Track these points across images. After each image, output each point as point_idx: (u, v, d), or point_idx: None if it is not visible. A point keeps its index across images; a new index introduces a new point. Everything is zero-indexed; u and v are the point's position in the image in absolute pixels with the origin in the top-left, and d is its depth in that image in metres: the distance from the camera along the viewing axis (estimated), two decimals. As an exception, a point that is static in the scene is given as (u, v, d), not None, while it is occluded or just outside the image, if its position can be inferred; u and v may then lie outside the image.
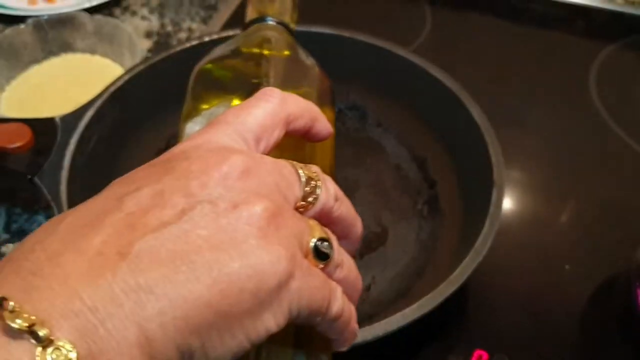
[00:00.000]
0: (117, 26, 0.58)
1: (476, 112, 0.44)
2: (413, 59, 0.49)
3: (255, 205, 0.20)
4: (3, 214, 0.48)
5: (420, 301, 0.34)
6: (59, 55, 0.60)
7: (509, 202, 0.50)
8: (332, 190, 0.24)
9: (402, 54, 0.49)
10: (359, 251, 0.44)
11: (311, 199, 0.23)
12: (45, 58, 0.59)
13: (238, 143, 0.23)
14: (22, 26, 0.58)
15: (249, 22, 0.40)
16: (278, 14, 0.40)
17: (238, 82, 0.35)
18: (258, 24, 0.39)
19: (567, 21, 0.68)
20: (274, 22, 0.39)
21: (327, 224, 0.24)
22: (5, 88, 0.56)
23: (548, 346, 0.41)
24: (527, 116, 0.57)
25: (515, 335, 0.41)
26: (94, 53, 0.60)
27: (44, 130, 0.42)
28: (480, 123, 0.44)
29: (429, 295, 0.34)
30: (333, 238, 0.23)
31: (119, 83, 0.46)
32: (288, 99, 0.25)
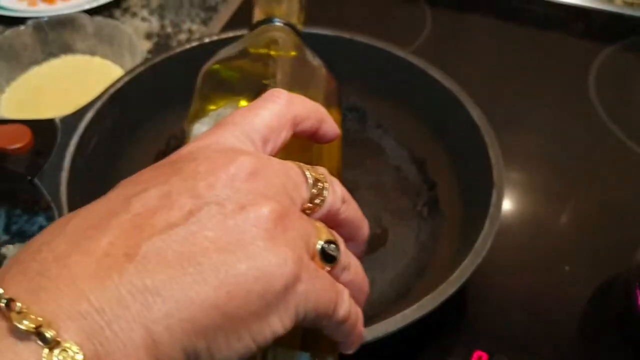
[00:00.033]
0: (117, 28, 0.59)
1: (476, 113, 0.44)
2: (413, 60, 0.49)
3: (262, 206, 0.20)
4: (3, 215, 0.48)
5: (420, 302, 0.34)
6: (59, 56, 0.60)
7: (509, 203, 0.50)
8: (339, 192, 0.24)
9: (402, 55, 0.49)
10: (359, 252, 0.44)
11: (318, 201, 0.23)
12: (45, 59, 0.59)
13: (245, 144, 0.23)
14: (22, 27, 0.58)
15: (256, 23, 0.40)
16: (285, 15, 0.40)
17: (245, 83, 0.35)
18: (265, 25, 0.39)
19: (567, 22, 0.68)
20: (281, 23, 0.39)
21: (334, 226, 0.24)
22: (5, 89, 0.56)
23: (548, 347, 0.41)
24: (527, 117, 0.57)
25: (515, 336, 0.41)
26: (94, 54, 0.60)
27: (44, 131, 0.42)
28: (480, 124, 0.44)
29: (429, 296, 0.34)
30: (340, 240, 0.23)
31: (119, 84, 0.46)
32: (295, 100, 0.25)
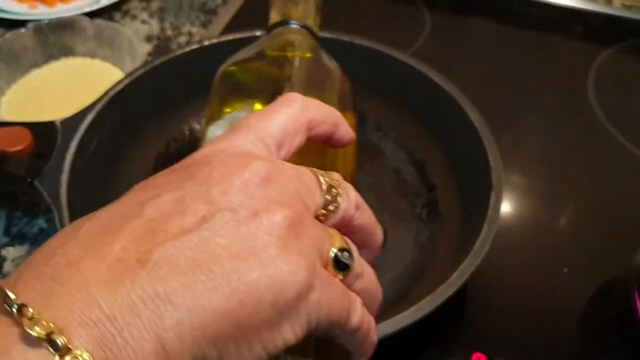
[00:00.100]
0: (117, 30, 0.59)
1: (474, 116, 0.45)
2: (412, 63, 0.49)
3: (275, 213, 0.20)
4: (3, 217, 0.48)
5: (418, 304, 0.34)
6: (60, 59, 0.60)
7: (508, 206, 0.50)
8: (353, 198, 0.24)
9: (401, 58, 0.49)
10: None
11: (332, 207, 0.23)
12: (45, 62, 0.59)
13: (259, 148, 0.23)
14: (23, 30, 0.58)
15: (273, 25, 0.40)
16: (302, 18, 0.40)
17: (261, 86, 0.35)
18: (282, 27, 0.39)
19: (565, 25, 0.68)
20: (298, 26, 0.39)
21: (347, 233, 0.24)
22: (5, 92, 0.56)
23: (547, 349, 0.41)
24: (526, 119, 0.58)
25: (513, 338, 0.41)
26: (94, 57, 0.60)
27: (44, 133, 0.43)
28: (478, 126, 0.44)
29: (428, 297, 0.34)
30: (353, 248, 0.23)
31: (119, 87, 0.46)
32: (310, 105, 0.25)
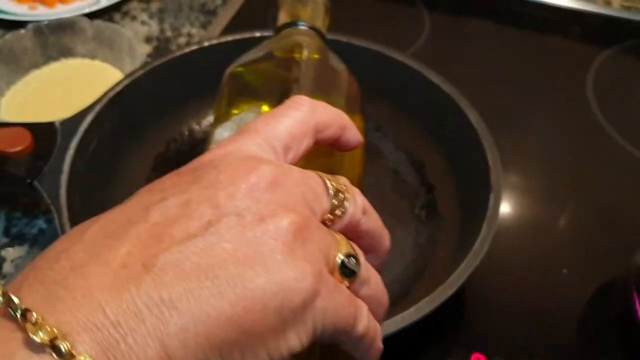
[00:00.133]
0: (117, 31, 0.59)
1: (474, 117, 0.45)
2: (411, 64, 0.49)
3: (282, 218, 0.20)
4: (3, 218, 0.48)
5: (418, 304, 0.34)
6: (59, 60, 0.60)
7: (507, 207, 0.50)
8: (360, 203, 0.24)
9: (400, 59, 0.49)
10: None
11: (339, 212, 0.23)
12: (45, 63, 0.59)
13: (267, 152, 0.23)
14: (23, 31, 0.58)
15: (281, 26, 0.40)
16: (310, 19, 0.40)
17: (268, 88, 0.35)
18: (290, 29, 0.39)
19: (565, 26, 0.68)
20: (306, 27, 0.39)
21: (354, 238, 0.24)
22: (5, 93, 0.56)
23: (546, 349, 0.41)
24: (525, 121, 0.58)
25: (512, 338, 0.41)
26: (94, 58, 0.60)
27: (44, 134, 0.43)
28: (477, 127, 0.44)
29: (427, 298, 0.34)
30: (360, 253, 0.23)
31: (119, 88, 0.46)
32: (318, 108, 0.25)
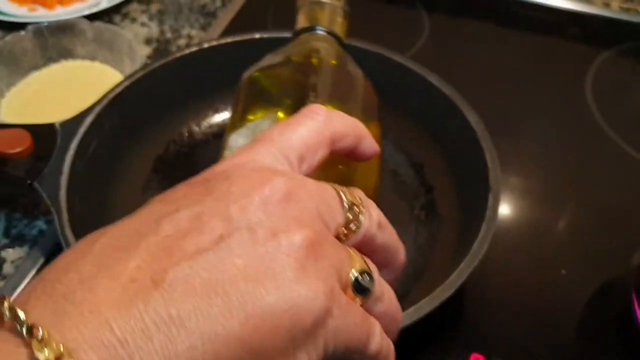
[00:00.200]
0: (117, 33, 0.59)
1: (472, 118, 0.45)
2: (410, 65, 0.49)
3: (294, 233, 0.19)
4: (3, 219, 0.48)
5: (416, 305, 0.34)
6: (59, 61, 0.60)
7: (506, 208, 0.50)
8: (376, 216, 0.23)
9: (400, 61, 0.49)
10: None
11: (353, 226, 0.22)
12: (45, 64, 0.59)
13: (281, 163, 0.22)
14: (22, 33, 0.58)
15: (299, 31, 0.40)
16: (328, 24, 0.40)
17: (284, 94, 0.35)
18: (308, 34, 0.39)
19: (564, 28, 0.68)
20: (324, 32, 0.39)
21: (368, 252, 0.23)
22: (5, 94, 0.56)
23: (545, 350, 0.41)
24: (524, 122, 0.58)
25: (512, 339, 0.41)
26: (94, 59, 0.60)
27: (44, 135, 0.43)
28: (476, 129, 0.44)
29: (426, 298, 0.34)
30: (374, 269, 0.22)
31: (119, 89, 0.46)
32: (334, 117, 0.25)
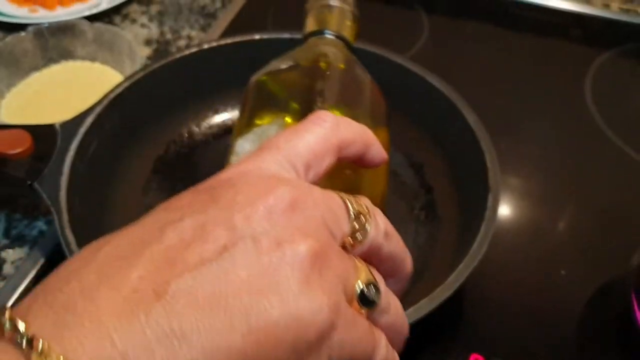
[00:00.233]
0: (117, 34, 0.59)
1: (472, 119, 0.45)
2: (410, 66, 0.49)
3: (299, 244, 0.19)
4: (3, 220, 0.48)
5: (416, 305, 0.34)
6: (59, 62, 0.60)
7: (506, 208, 0.50)
8: (382, 225, 0.23)
9: (399, 61, 0.49)
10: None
11: (359, 236, 0.22)
12: (45, 65, 0.59)
13: (287, 170, 0.22)
14: (23, 34, 0.58)
15: (308, 34, 0.40)
16: (337, 27, 0.40)
17: (292, 99, 0.35)
18: (316, 37, 0.39)
19: (563, 29, 0.68)
20: (333, 36, 0.39)
21: (375, 262, 0.23)
22: (5, 95, 0.57)
23: (544, 351, 0.41)
24: (524, 122, 0.58)
25: (511, 339, 0.41)
26: (94, 60, 0.60)
27: (44, 136, 0.43)
28: (476, 129, 0.44)
29: (425, 299, 0.34)
30: (380, 280, 0.22)
31: (119, 90, 0.47)
32: (341, 124, 0.24)
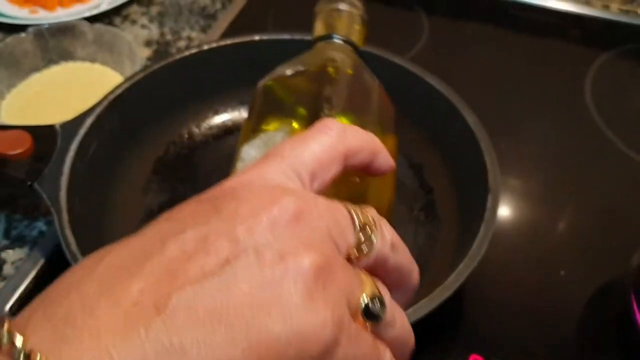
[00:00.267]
0: (117, 35, 0.59)
1: (472, 120, 0.45)
2: (410, 67, 0.49)
3: (303, 257, 0.19)
4: (3, 220, 0.48)
5: (416, 305, 0.34)
6: (60, 63, 0.60)
7: (505, 209, 0.50)
8: (389, 237, 0.23)
9: (399, 62, 0.49)
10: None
11: (365, 249, 0.22)
12: (45, 66, 0.59)
13: (292, 180, 0.22)
14: (23, 35, 0.58)
15: (316, 39, 0.40)
16: (346, 31, 0.39)
17: (299, 104, 0.35)
18: (325, 42, 0.39)
19: (563, 30, 0.68)
20: (341, 41, 0.39)
21: (381, 274, 0.23)
22: (5, 95, 0.57)
23: (544, 351, 0.41)
24: (523, 123, 0.58)
25: (511, 340, 0.41)
26: (94, 61, 0.60)
27: (44, 137, 0.43)
28: (475, 130, 0.44)
29: (425, 299, 0.34)
30: (385, 293, 0.22)
31: (119, 91, 0.47)
32: (347, 132, 0.24)
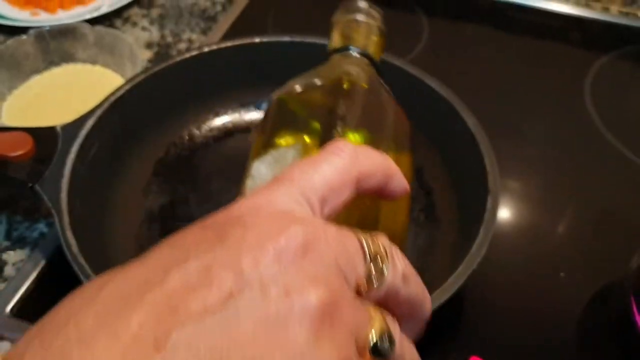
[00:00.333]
0: (118, 37, 0.59)
1: (471, 122, 0.45)
2: (409, 69, 0.49)
3: (309, 293, 0.18)
4: (4, 222, 0.48)
5: (415, 307, 0.34)
6: (60, 65, 0.60)
7: (505, 211, 0.50)
8: (400, 267, 0.22)
9: (399, 65, 0.50)
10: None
11: (375, 281, 0.21)
12: (46, 68, 0.60)
13: (301, 205, 0.21)
14: (24, 37, 0.58)
15: (332, 51, 0.39)
16: (363, 43, 0.39)
17: (313, 118, 0.34)
18: (341, 54, 0.38)
19: (563, 32, 0.68)
20: (358, 54, 0.38)
21: (391, 305, 0.22)
22: (7, 97, 0.57)
23: (544, 353, 0.41)
24: (523, 125, 0.58)
25: (510, 341, 0.41)
26: (95, 63, 0.61)
27: (45, 138, 0.43)
28: (475, 132, 0.44)
29: (425, 301, 0.35)
30: (395, 328, 0.21)
31: (120, 92, 0.47)
32: (360, 154, 0.23)
